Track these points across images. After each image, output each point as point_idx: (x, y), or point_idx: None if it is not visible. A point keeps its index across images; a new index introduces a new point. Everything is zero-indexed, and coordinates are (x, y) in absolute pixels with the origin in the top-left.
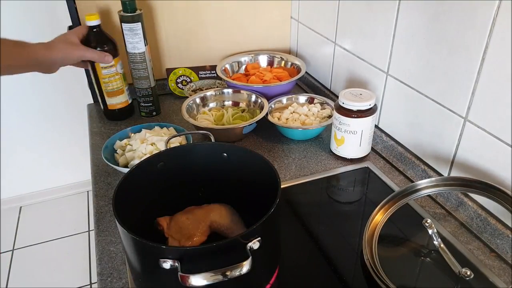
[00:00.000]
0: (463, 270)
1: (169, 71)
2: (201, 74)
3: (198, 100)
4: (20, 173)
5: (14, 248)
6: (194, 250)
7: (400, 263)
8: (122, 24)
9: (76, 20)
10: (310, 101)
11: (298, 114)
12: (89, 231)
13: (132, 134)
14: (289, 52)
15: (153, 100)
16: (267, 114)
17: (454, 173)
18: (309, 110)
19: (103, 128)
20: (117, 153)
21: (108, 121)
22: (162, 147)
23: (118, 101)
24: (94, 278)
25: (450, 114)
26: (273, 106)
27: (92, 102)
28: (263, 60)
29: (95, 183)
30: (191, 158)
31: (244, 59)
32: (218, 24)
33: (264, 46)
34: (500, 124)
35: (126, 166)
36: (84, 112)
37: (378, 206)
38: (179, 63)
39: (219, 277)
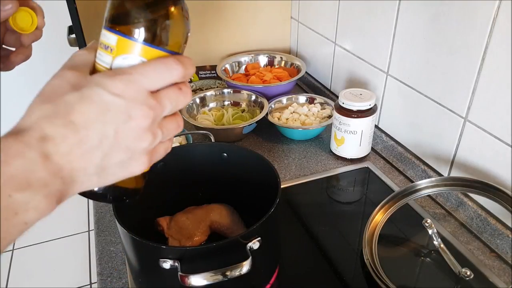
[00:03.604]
0: (463, 270)
1: None
2: (201, 74)
3: (198, 100)
4: None
5: (14, 248)
6: (194, 250)
7: (400, 263)
8: None
9: (76, 20)
10: (310, 101)
11: (298, 114)
12: (89, 231)
13: None
14: (289, 52)
15: None
16: (267, 114)
17: (454, 173)
18: (309, 110)
19: None
20: None
21: None
22: None
23: None
24: (94, 278)
25: (450, 114)
26: (273, 106)
27: None
28: (263, 60)
29: None
30: (191, 158)
31: (244, 59)
32: (218, 24)
33: (264, 46)
34: (500, 124)
35: None
36: None
37: (378, 206)
38: None
39: (219, 277)
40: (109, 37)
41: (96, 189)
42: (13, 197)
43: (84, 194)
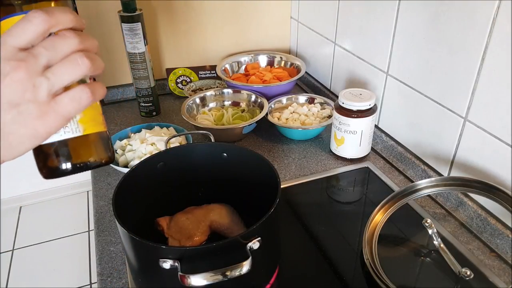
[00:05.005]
0: (463, 270)
1: (169, 71)
2: (201, 74)
3: (198, 100)
4: (20, 173)
5: (14, 248)
6: (194, 250)
7: (400, 263)
8: (122, 24)
9: None
10: (310, 101)
11: (298, 114)
12: (89, 231)
13: (132, 134)
14: (289, 52)
15: (153, 100)
16: (267, 114)
17: (454, 173)
18: (309, 110)
19: None
20: (117, 153)
21: (108, 121)
22: (162, 147)
23: None
24: (94, 278)
25: (450, 114)
26: (273, 106)
27: None
28: (263, 60)
29: (95, 183)
30: (191, 158)
31: (244, 59)
32: (218, 24)
33: (264, 46)
34: (500, 124)
35: (126, 166)
36: None
37: (378, 206)
38: (179, 63)
39: (219, 277)
40: None
41: (62, 166)
42: None
43: (53, 173)
